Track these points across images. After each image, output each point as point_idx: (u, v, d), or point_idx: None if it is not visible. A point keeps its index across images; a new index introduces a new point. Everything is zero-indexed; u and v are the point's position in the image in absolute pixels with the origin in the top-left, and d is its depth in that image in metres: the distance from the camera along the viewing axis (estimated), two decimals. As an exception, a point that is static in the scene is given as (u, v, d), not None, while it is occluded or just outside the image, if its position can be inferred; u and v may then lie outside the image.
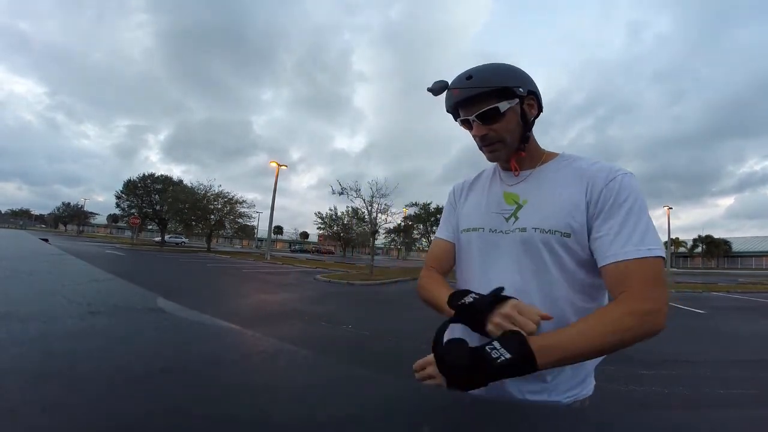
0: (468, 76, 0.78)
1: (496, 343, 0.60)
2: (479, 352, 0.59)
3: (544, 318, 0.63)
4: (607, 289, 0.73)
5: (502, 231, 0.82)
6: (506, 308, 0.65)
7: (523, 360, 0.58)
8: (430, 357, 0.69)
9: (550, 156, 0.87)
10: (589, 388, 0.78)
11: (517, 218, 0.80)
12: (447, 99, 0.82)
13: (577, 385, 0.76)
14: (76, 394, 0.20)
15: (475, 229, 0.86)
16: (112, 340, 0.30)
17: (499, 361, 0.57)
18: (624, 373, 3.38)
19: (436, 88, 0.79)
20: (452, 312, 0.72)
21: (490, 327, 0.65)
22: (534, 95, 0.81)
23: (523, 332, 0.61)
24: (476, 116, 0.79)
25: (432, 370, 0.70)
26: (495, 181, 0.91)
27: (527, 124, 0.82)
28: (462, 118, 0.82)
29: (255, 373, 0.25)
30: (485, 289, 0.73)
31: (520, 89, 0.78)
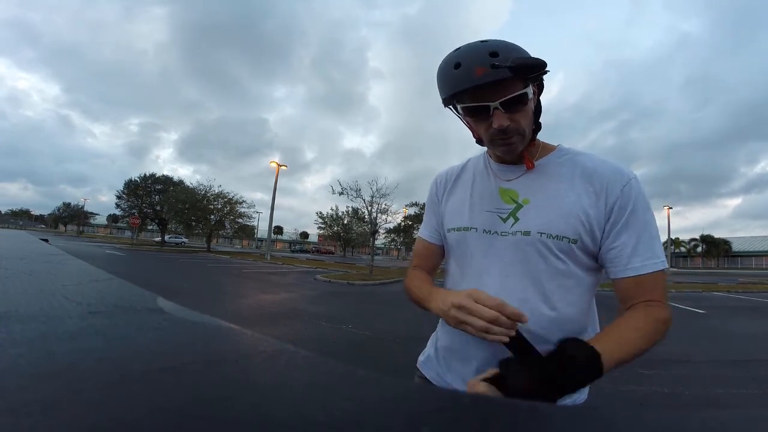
0: (492, 51, 0.63)
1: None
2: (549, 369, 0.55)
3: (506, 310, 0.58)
4: (619, 298, 0.71)
5: (497, 232, 0.74)
6: (460, 297, 0.60)
7: (592, 370, 0.56)
8: (487, 375, 0.60)
9: (548, 149, 0.79)
10: (583, 395, 0.76)
11: (516, 219, 0.73)
12: (459, 78, 0.64)
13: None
14: (76, 394, 0.20)
15: (466, 229, 0.78)
16: (112, 340, 0.30)
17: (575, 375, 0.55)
18: (624, 373, 3.37)
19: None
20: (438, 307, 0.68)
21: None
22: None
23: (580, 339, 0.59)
24: (501, 103, 0.65)
25: (484, 389, 0.59)
26: (487, 175, 0.81)
27: (538, 113, 0.74)
28: (475, 105, 0.67)
29: (255, 373, 0.25)
30: None
31: (545, 73, 0.66)
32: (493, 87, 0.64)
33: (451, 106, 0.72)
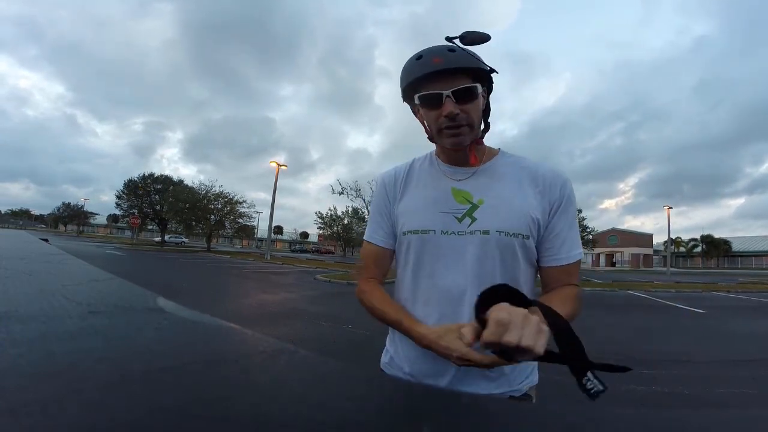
0: (451, 48, 0.72)
1: (591, 376, 0.52)
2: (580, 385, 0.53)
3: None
4: (543, 282, 0.79)
5: (454, 232, 0.76)
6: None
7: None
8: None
9: (492, 152, 0.84)
10: (536, 378, 0.81)
11: (473, 219, 0.76)
12: (419, 66, 0.72)
13: (527, 376, 0.79)
14: (76, 394, 0.20)
15: (425, 231, 0.78)
16: (112, 340, 0.30)
17: (592, 391, 0.51)
18: (624, 373, 3.36)
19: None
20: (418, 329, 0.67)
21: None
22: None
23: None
24: (452, 92, 0.71)
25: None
26: (438, 176, 0.83)
27: (487, 113, 0.80)
28: (429, 92, 0.72)
29: (255, 372, 0.25)
30: (437, 297, 0.74)
31: (492, 75, 0.76)
32: (448, 78, 0.71)
33: (410, 101, 0.77)
